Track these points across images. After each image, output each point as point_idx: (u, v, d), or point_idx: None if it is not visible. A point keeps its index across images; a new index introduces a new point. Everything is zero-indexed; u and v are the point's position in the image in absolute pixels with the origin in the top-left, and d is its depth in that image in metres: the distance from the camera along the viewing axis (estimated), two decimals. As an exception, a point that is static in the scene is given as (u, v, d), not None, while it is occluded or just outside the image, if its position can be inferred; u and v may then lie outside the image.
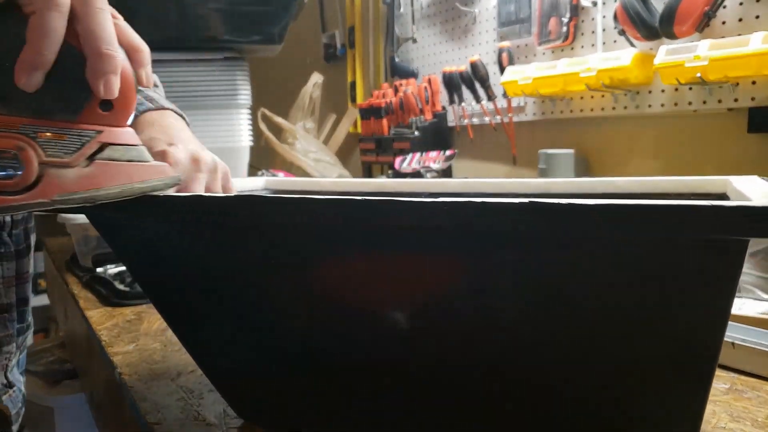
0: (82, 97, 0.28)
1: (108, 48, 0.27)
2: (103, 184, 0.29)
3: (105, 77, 0.27)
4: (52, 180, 0.28)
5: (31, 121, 0.27)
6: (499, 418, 0.31)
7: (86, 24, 0.27)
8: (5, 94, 0.27)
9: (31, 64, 0.26)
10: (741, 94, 0.82)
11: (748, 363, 0.46)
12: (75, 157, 0.28)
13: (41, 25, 0.26)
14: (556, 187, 0.41)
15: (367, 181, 0.49)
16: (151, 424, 0.40)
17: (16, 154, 0.27)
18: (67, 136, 0.28)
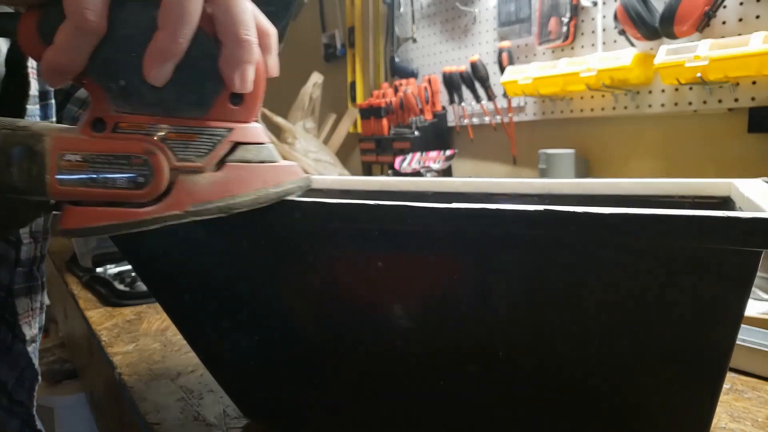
0: (212, 90, 0.24)
1: (247, 34, 0.23)
2: (238, 190, 0.25)
3: (241, 68, 0.23)
4: (184, 188, 0.24)
5: (158, 119, 0.24)
6: (514, 420, 0.31)
7: (225, 6, 0.23)
8: (130, 90, 0.23)
9: (164, 53, 0.22)
10: (741, 94, 0.82)
11: (748, 363, 0.46)
12: (207, 160, 0.24)
13: (177, 7, 0.22)
14: (560, 188, 0.41)
15: (369, 180, 0.49)
16: (151, 425, 0.40)
17: (146, 159, 0.24)
18: (198, 136, 0.24)
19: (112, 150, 0.24)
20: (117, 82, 0.24)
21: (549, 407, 0.29)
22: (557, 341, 0.27)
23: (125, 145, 0.24)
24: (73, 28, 0.22)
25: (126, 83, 0.23)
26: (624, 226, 0.22)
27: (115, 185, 0.24)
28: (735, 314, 0.23)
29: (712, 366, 0.25)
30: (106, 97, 0.24)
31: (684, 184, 0.37)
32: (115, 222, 0.24)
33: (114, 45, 0.23)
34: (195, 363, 0.51)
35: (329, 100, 1.72)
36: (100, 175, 0.24)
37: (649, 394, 0.27)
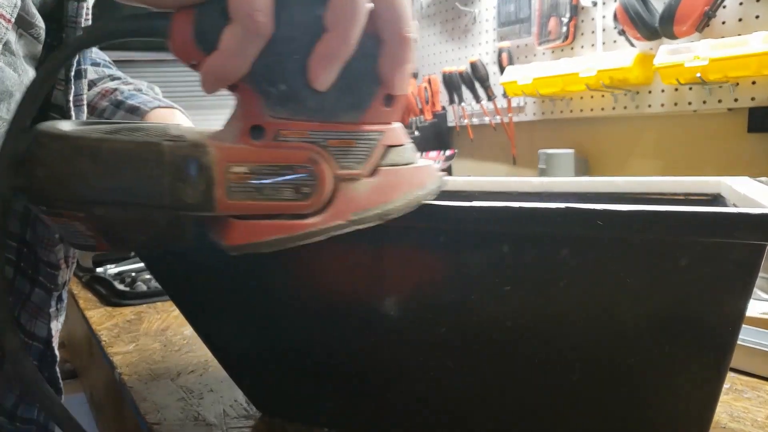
0: (369, 92, 0.23)
1: (408, 30, 0.21)
2: (392, 195, 0.24)
3: (403, 68, 0.22)
4: (345, 196, 0.23)
5: (318, 125, 0.22)
6: (519, 414, 0.31)
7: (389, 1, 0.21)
8: (291, 94, 0.22)
9: (334, 55, 0.20)
10: (741, 94, 0.83)
11: (748, 363, 0.46)
12: (366, 166, 0.23)
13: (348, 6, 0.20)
14: (559, 186, 0.42)
15: None
16: (151, 424, 0.40)
17: (310, 168, 0.22)
18: (356, 141, 0.23)
19: (276, 160, 0.22)
20: (277, 87, 0.22)
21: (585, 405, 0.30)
22: (576, 337, 0.27)
23: (289, 154, 0.22)
24: (242, 31, 0.20)
25: (287, 87, 0.22)
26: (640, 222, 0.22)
27: (281, 197, 0.22)
28: (740, 305, 0.24)
29: (716, 361, 0.25)
30: (261, 102, 0.22)
31: (677, 182, 0.38)
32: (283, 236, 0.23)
33: (278, 47, 0.21)
34: (195, 363, 0.52)
35: (329, 100, 1.72)
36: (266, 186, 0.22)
37: (654, 378, 0.27)
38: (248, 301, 0.35)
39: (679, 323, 0.25)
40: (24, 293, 0.40)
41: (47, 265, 0.40)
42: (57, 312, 0.43)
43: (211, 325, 0.39)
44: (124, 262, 0.86)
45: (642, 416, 0.29)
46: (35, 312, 0.40)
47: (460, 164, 1.32)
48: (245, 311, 0.36)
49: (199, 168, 0.22)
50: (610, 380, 0.28)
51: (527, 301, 0.27)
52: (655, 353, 0.27)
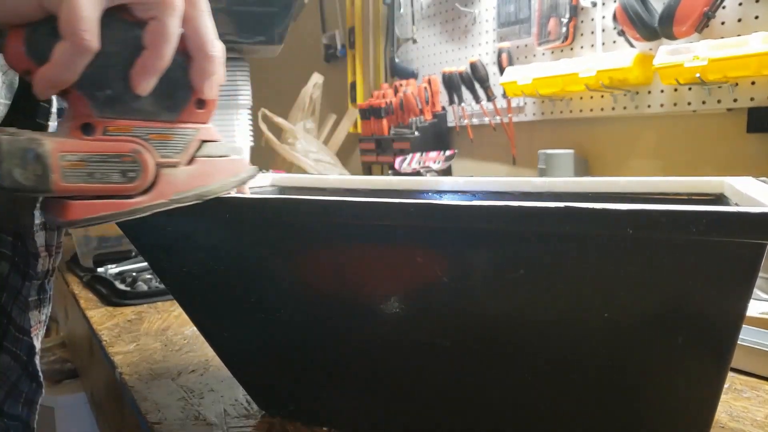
0: (184, 97, 0.29)
1: (214, 51, 0.28)
2: (208, 180, 0.30)
3: (211, 78, 0.28)
4: (167, 180, 0.29)
5: (141, 123, 0.28)
6: (518, 413, 0.31)
7: (195, 27, 0.27)
8: (115, 98, 0.27)
9: (152, 68, 0.26)
10: (740, 95, 0.83)
11: (747, 363, 0.46)
12: (183, 156, 0.29)
13: (163, 30, 0.26)
14: (561, 186, 0.42)
15: (373, 179, 0.49)
16: (152, 424, 0.40)
17: (134, 157, 0.28)
18: (174, 136, 0.29)
19: (105, 150, 0.27)
20: (104, 92, 0.27)
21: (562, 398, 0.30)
22: (576, 337, 0.27)
23: (116, 145, 0.28)
24: (71, 48, 0.24)
25: (112, 92, 0.27)
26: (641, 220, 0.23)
27: (110, 180, 0.27)
28: (741, 303, 0.24)
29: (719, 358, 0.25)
30: (90, 105, 0.27)
31: (679, 182, 0.39)
32: (112, 212, 0.28)
33: (104, 60, 0.26)
34: (195, 362, 0.52)
35: (329, 100, 1.72)
36: (97, 172, 0.27)
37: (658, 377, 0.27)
38: (251, 300, 0.35)
39: (679, 322, 0.26)
40: (16, 288, 0.40)
41: (32, 257, 0.40)
42: (39, 302, 0.43)
43: (214, 324, 0.39)
44: (124, 262, 0.86)
45: (642, 416, 0.29)
46: (25, 306, 0.41)
47: (459, 164, 1.32)
48: (248, 310, 0.36)
49: (36, 157, 0.27)
50: (609, 380, 0.28)
51: (528, 301, 0.27)
52: (656, 353, 0.27)
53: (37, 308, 0.43)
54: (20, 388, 0.42)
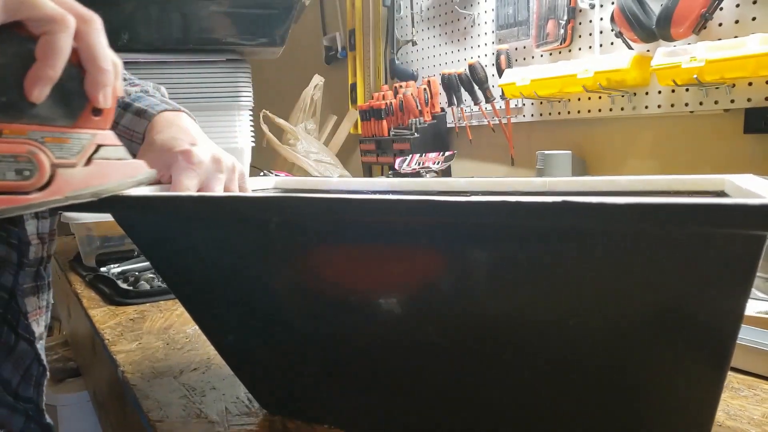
0: (79, 105, 0.31)
1: (106, 64, 0.31)
2: (105, 180, 0.32)
3: (104, 89, 0.31)
4: (63, 179, 0.30)
5: (37, 127, 0.30)
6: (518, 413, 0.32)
7: (88, 43, 0.30)
8: (14, 105, 0.29)
9: (43, 79, 0.29)
10: (737, 96, 0.83)
11: (744, 361, 0.46)
12: (79, 157, 0.31)
13: (53, 45, 0.28)
14: (561, 186, 0.42)
15: (375, 180, 0.50)
16: (154, 422, 0.41)
17: (29, 157, 0.29)
18: (70, 139, 0.31)
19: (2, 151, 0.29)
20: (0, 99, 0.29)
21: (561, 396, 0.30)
22: (574, 335, 0.27)
23: (11, 147, 0.29)
24: None
25: (7, 99, 0.29)
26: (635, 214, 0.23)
27: (5, 178, 0.29)
28: (740, 299, 0.24)
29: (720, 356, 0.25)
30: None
31: (679, 180, 0.39)
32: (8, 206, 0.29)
33: None
34: (197, 361, 0.52)
35: (330, 101, 1.73)
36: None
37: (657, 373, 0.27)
38: (254, 298, 0.36)
39: (678, 318, 0.25)
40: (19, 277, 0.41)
41: (25, 243, 0.42)
42: (36, 288, 0.45)
43: (216, 323, 0.39)
44: (127, 262, 0.87)
45: (642, 415, 0.29)
46: (22, 293, 0.43)
47: (459, 165, 1.33)
48: (250, 309, 0.36)
49: None
50: (608, 379, 0.28)
51: (528, 299, 0.28)
52: (655, 351, 0.27)
53: (35, 294, 0.45)
54: (31, 372, 0.44)
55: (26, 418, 0.45)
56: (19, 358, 0.44)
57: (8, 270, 0.43)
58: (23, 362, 0.45)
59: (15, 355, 0.44)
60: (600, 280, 0.26)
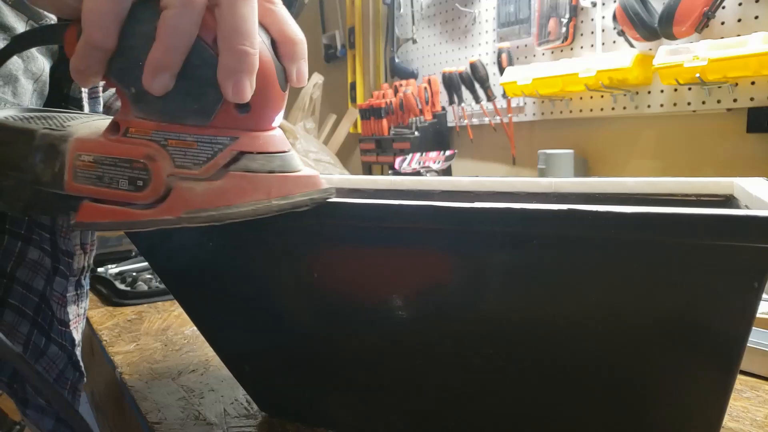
0: (215, 98, 0.24)
1: (243, 44, 0.23)
2: (235, 200, 0.25)
3: (235, 77, 0.24)
4: (181, 194, 0.25)
5: (163, 126, 0.25)
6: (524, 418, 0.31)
7: (225, 16, 0.23)
8: (140, 97, 0.25)
9: (159, 64, 0.23)
10: (740, 95, 0.83)
11: (747, 363, 0.46)
12: (205, 168, 0.25)
13: (172, 22, 0.23)
14: (567, 187, 0.41)
15: (376, 179, 0.49)
16: (152, 424, 0.40)
17: (145, 164, 0.25)
18: (198, 143, 0.25)
19: (118, 153, 0.25)
20: (130, 89, 0.25)
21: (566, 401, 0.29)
22: (581, 342, 0.27)
23: (130, 149, 0.25)
24: (84, 42, 0.24)
25: (136, 91, 0.25)
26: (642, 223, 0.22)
27: (118, 186, 0.25)
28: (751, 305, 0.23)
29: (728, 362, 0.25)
30: (126, 102, 0.25)
31: (687, 182, 0.38)
32: (116, 220, 0.26)
33: (123, 54, 0.24)
34: (196, 362, 0.52)
35: (329, 100, 1.72)
36: (105, 175, 0.26)
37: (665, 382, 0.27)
38: (253, 301, 0.35)
39: (687, 328, 0.25)
40: (55, 284, 0.42)
41: (65, 254, 0.42)
42: (77, 297, 0.45)
43: (216, 325, 0.39)
44: (125, 262, 0.86)
45: (649, 421, 0.29)
46: (63, 301, 0.43)
47: (459, 164, 1.32)
48: (250, 311, 0.36)
49: (57, 153, 0.26)
50: (614, 385, 0.28)
51: (532, 305, 0.27)
52: (660, 359, 0.26)
53: (76, 303, 0.45)
54: (66, 376, 0.45)
55: (56, 420, 0.45)
56: (50, 361, 0.44)
57: (41, 274, 0.43)
58: (55, 366, 0.45)
59: (45, 358, 0.44)
60: (604, 287, 0.25)
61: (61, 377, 0.45)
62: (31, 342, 0.43)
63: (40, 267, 0.43)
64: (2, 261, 0.41)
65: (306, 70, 0.28)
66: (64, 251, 0.42)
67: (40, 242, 0.42)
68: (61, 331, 0.44)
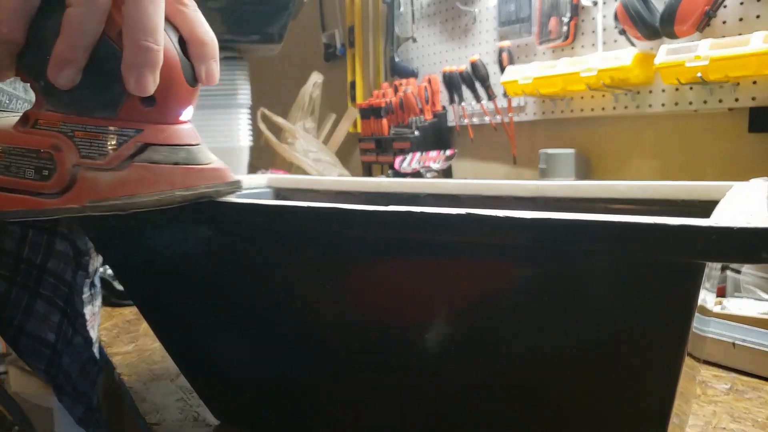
0: (120, 92, 0.25)
1: (146, 40, 0.24)
2: (139, 190, 0.26)
3: (137, 71, 0.24)
4: (85, 184, 0.25)
5: (71, 118, 0.25)
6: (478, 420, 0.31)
7: (130, 13, 0.24)
8: (49, 90, 0.25)
9: (63, 59, 0.24)
10: (742, 94, 0.82)
11: (748, 363, 0.46)
12: (110, 158, 0.25)
13: (75, 19, 0.24)
14: (555, 191, 0.41)
15: (366, 180, 0.49)
16: (151, 425, 0.40)
17: (51, 154, 0.25)
18: (103, 135, 0.25)
19: (25, 144, 0.26)
20: (40, 82, 0.26)
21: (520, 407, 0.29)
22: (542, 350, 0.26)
23: (37, 139, 0.26)
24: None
25: (45, 84, 0.25)
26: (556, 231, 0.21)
27: (24, 176, 0.26)
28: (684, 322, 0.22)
29: None
30: (38, 95, 0.26)
31: (683, 187, 0.37)
32: (22, 208, 0.26)
33: (31, 48, 0.25)
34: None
35: (329, 99, 1.72)
36: (13, 165, 0.26)
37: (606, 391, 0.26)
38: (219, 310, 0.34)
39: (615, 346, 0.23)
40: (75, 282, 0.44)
41: (84, 254, 0.43)
42: (91, 297, 0.46)
43: (178, 337, 0.38)
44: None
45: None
46: (80, 294, 0.44)
47: (460, 164, 1.32)
48: (215, 321, 0.35)
49: None
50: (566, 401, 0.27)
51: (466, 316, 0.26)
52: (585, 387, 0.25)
53: (90, 302, 0.47)
54: (87, 369, 0.46)
55: (86, 409, 0.46)
56: (76, 352, 0.46)
57: (69, 265, 0.44)
58: (81, 357, 0.46)
59: (72, 348, 0.45)
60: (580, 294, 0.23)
61: (84, 369, 0.46)
62: (61, 331, 0.44)
63: (68, 258, 0.44)
64: (31, 254, 0.42)
65: (216, 69, 0.28)
66: (83, 251, 0.44)
67: (67, 234, 0.43)
68: (83, 324, 0.45)
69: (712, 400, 0.42)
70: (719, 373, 0.47)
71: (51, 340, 0.43)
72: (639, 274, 0.22)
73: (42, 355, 0.43)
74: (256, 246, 0.30)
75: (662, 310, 0.22)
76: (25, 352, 0.42)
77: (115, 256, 0.36)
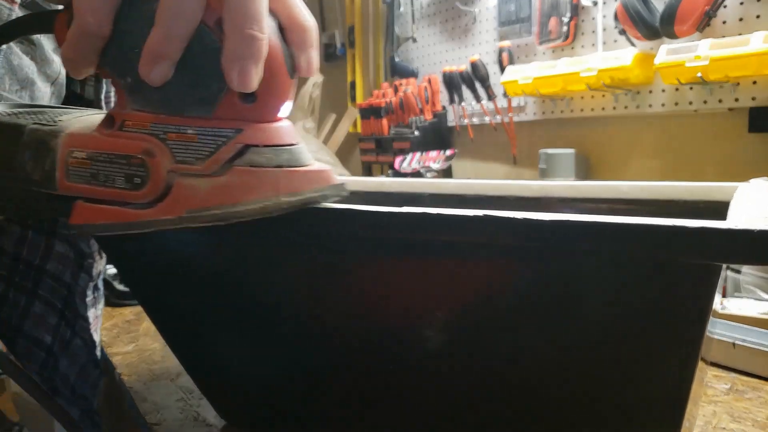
0: (218, 88, 0.22)
1: (251, 28, 0.21)
2: (241, 197, 0.23)
3: (240, 64, 0.21)
4: (181, 192, 0.23)
5: (161, 118, 0.23)
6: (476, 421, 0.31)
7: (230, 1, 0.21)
8: (136, 87, 0.22)
9: (157, 52, 0.21)
10: (742, 94, 0.82)
11: (748, 363, 0.46)
12: (208, 163, 0.22)
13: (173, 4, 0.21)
14: (559, 191, 0.41)
15: (368, 180, 0.49)
16: (151, 425, 0.40)
17: (143, 159, 0.23)
18: (200, 137, 0.23)
19: (113, 149, 0.23)
20: (126, 79, 0.23)
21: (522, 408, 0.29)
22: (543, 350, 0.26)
23: (126, 144, 0.23)
24: (76, 29, 0.22)
25: (132, 81, 0.23)
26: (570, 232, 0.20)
27: (114, 185, 0.23)
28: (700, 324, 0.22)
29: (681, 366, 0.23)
30: (123, 93, 0.23)
31: (685, 187, 0.36)
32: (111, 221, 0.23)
33: (118, 41, 0.22)
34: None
35: (329, 99, 1.72)
36: (101, 173, 0.23)
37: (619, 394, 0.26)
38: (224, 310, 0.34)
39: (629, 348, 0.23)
40: (76, 285, 0.44)
41: (88, 257, 0.43)
42: (94, 300, 0.46)
43: (182, 339, 0.38)
44: (123, 262, 0.86)
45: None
46: (82, 297, 0.44)
47: (460, 164, 1.32)
48: (222, 326, 0.35)
49: (47, 150, 0.24)
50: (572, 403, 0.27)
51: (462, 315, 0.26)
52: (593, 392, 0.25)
53: (94, 305, 0.46)
54: (87, 371, 0.45)
55: (81, 412, 0.46)
56: (74, 354, 0.45)
57: (69, 267, 0.44)
58: (79, 359, 0.46)
59: (70, 350, 0.45)
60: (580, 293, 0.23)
61: (83, 371, 0.46)
62: (58, 334, 0.44)
63: (68, 260, 0.44)
64: (30, 255, 0.41)
65: (316, 58, 0.25)
66: (87, 253, 0.44)
67: (67, 236, 0.43)
68: (84, 327, 0.45)
69: (712, 400, 0.42)
70: (719, 373, 0.47)
71: (47, 341, 0.43)
72: (655, 276, 0.21)
73: (36, 357, 0.43)
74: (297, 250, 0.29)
75: (678, 313, 0.22)
76: (20, 354, 0.42)
77: (121, 255, 0.36)
